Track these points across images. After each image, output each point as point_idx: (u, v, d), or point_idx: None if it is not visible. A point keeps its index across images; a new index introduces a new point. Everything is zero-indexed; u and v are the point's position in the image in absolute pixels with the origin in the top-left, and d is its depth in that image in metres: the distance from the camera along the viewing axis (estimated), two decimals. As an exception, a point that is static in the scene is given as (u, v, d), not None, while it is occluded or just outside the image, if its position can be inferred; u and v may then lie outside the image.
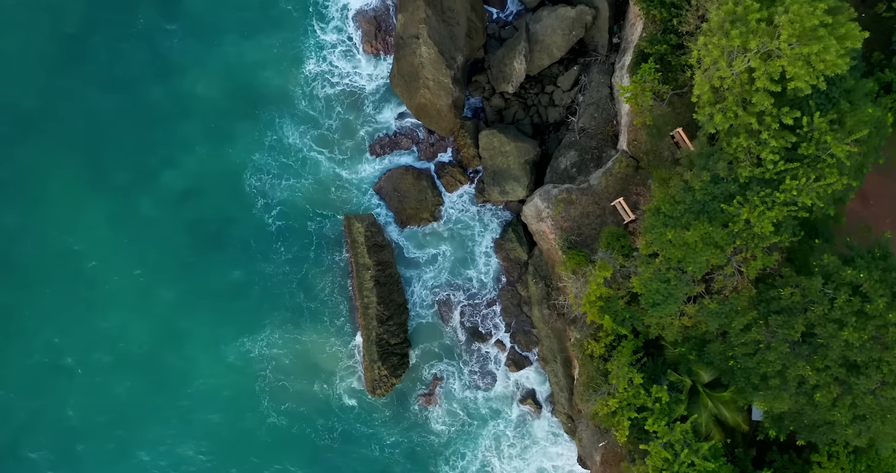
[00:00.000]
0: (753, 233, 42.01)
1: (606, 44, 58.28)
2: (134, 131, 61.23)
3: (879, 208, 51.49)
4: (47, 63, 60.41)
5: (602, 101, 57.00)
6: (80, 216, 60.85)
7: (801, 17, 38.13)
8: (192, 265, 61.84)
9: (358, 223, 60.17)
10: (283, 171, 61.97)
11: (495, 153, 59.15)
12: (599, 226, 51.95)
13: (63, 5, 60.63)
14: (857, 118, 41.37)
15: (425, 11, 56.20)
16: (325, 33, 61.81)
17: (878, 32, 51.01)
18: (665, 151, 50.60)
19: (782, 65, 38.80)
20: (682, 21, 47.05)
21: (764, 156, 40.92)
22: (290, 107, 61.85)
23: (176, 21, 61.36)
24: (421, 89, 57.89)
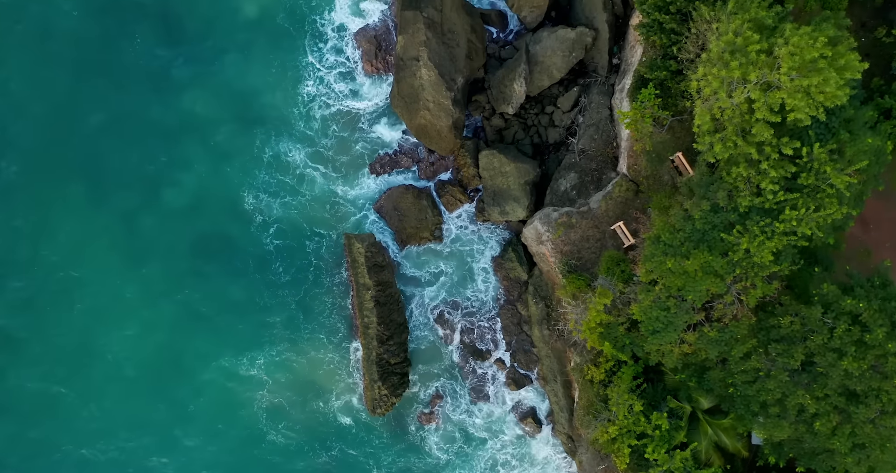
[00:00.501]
0: (753, 263, 42.11)
1: (606, 65, 58.33)
2: (133, 150, 61.27)
3: (879, 232, 51.53)
4: (47, 84, 60.41)
5: (602, 123, 57.04)
6: (80, 236, 60.87)
7: (802, 49, 38.25)
8: (191, 284, 61.89)
9: (358, 243, 60.20)
10: (283, 191, 62.01)
11: (495, 173, 59.20)
12: (599, 250, 52.01)
13: (62, 27, 60.63)
14: (857, 148, 41.45)
15: (425, 34, 56.24)
16: (324, 53, 61.83)
17: (877, 57, 51.17)
18: (665, 176, 50.65)
19: (782, 97, 38.88)
20: (681, 48, 47.07)
21: (764, 185, 40.99)
22: (289, 126, 61.87)
23: (175, 40, 61.36)
24: (421, 111, 57.95)
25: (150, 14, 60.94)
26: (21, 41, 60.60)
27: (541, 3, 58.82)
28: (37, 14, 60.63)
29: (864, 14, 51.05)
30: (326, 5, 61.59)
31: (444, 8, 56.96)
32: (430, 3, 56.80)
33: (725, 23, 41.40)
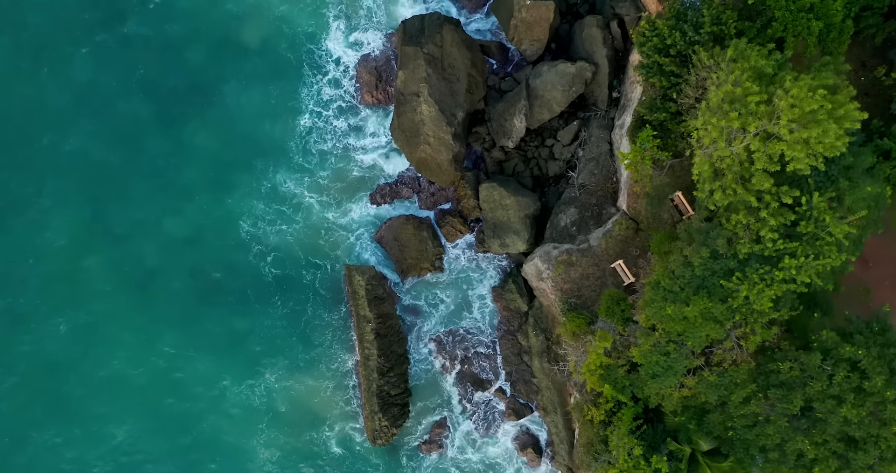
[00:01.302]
0: (752, 309, 42.21)
1: (606, 99, 58.43)
2: (135, 180, 61.55)
3: (879, 270, 51.51)
4: (51, 115, 60.72)
5: (602, 158, 57.15)
6: (82, 263, 61.12)
7: (801, 101, 38.30)
8: (191, 313, 62.25)
9: (358, 276, 60.35)
10: (283, 221, 62.23)
11: (495, 206, 59.33)
12: (599, 288, 52.14)
13: (63, 58, 60.83)
14: (856, 196, 41.53)
15: (426, 70, 56.36)
16: (322, 86, 62.23)
17: (876, 96, 51.23)
18: (665, 214, 50.75)
19: (782, 148, 38.97)
20: (680, 91, 47.15)
21: (763, 233, 41.05)
22: (288, 157, 62.27)
23: (178, 72, 61.57)
24: (422, 145, 58.10)
25: (154, 46, 61.21)
26: (26, 72, 60.84)
27: (541, 36, 58.86)
28: (42, 46, 60.79)
29: (863, 53, 51.07)
30: (322, 38, 61.70)
31: (444, 44, 57.07)
32: (430, 40, 56.92)
33: (725, 72, 41.47)
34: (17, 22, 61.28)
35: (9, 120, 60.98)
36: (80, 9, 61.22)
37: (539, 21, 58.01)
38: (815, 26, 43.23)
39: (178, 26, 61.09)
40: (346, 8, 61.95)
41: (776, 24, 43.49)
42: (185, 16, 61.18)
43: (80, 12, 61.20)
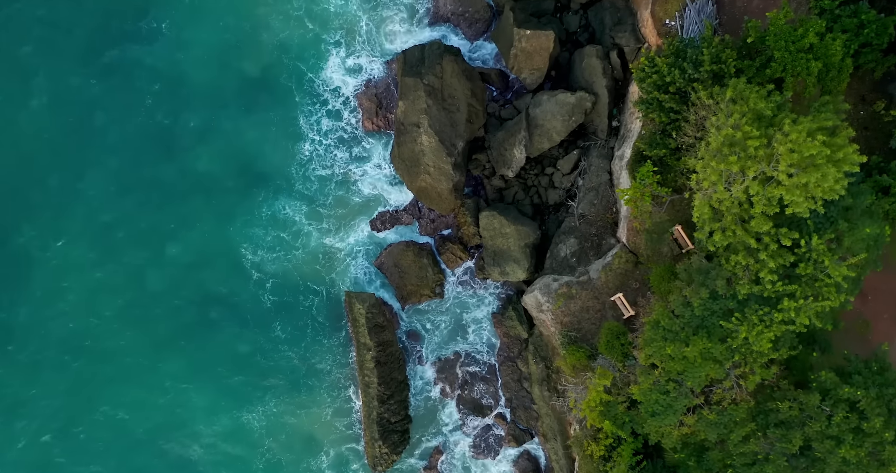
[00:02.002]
0: (752, 350, 42.39)
1: (606, 128, 58.53)
2: (137, 208, 61.63)
3: (877, 303, 51.66)
4: (56, 143, 60.81)
5: (601, 187, 57.27)
6: (84, 291, 61.27)
7: (800, 145, 38.44)
8: (191, 339, 62.34)
9: (359, 304, 60.48)
10: (283, 248, 62.35)
11: (495, 234, 59.46)
12: (599, 321, 52.29)
13: (66, 85, 60.91)
14: (855, 237, 41.71)
15: (426, 102, 56.48)
16: (322, 112, 62.19)
17: (875, 130, 51.39)
18: (665, 247, 50.88)
19: (780, 193, 39.12)
20: (679, 127, 47.26)
21: (763, 275, 41.19)
22: (289, 184, 62.34)
23: (179, 99, 61.61)
24: (422, 174, 58.24)
25: (157, 74, 61.26)
26: (31, 99, 60.91)
27: (541, 65, 58.96)
28: (49, 74, 60.89)
29: (862, 87, 51.20)
30: (322, 66, 61.80)
31: (444, 75, 57.18)
32: (430, 71, 57.03)
33: (724, 114, 41.62)
34: (16, 51, 61.31)
35: (10, 146, 60.97)
36: (85, 35, 61.13)
37: (539, 51, 58.10)
38: (814, 67, 43.36)
39: (181, 54, 61.18)
40: (346, 35, 62.01)
41: (775, 64, 43.62)
42: (188, 44, 61.20)
43: (85, 39, 61.12)
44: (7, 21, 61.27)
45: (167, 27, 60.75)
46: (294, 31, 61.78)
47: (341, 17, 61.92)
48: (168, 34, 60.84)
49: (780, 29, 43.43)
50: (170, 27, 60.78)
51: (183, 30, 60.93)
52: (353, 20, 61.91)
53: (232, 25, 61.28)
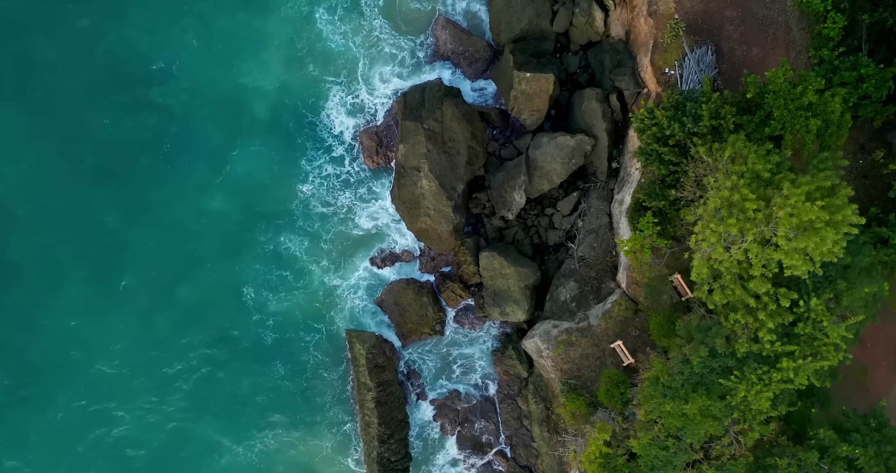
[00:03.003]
0: (751, 407, 42.60)
1: (606, 170, 58.66)
2: (141, 246, 61.75)
3: (876, 350, 51.94)
4: (65, 181, 60.80)
5: (601, 230, 57.43)
6: (87, 326, 61.44)
7: (799, 210, 38.61)
8: (193, 376, 62.43)
9: (359, 344, 60.70)
10: (284, 285, 62.50)
11: (495, 274, 59.62)
12: (599, 368, 52.50)
13: (74, 125, 60.98)
14: (854, 296, 41.94)
15: (426, 146, 56.65)
16: (324, 151, 62.30)
17: (875, 178, 51.63)
18: (664, 295, 51.06)
19: (779, 258, 39.31)
20: (678, 179, 47.41)
21: (762, 335, 41.42)
22: (290, 221, 62.41)
23: (184, 139, 61.66)
24: (422, 216, 58.41)
25: (169, 117, 61.35)
26: (42, 139, 60.92)
27: (541, 107, 59.10)
28: (58, 114, 60.94)
29: (861, 136, 51.39)
30: (323, 105, 61.91)
31: (444, 118, 57.34)
32: (430, 115, 57.18)
33: (723, 174, 41.80)
34: (27, 92, 61.39)
35: (17, 186, 61.01)
36: (95, 76, 61.14)
37: (539, 93, 58.25)
38: (813, 124, 43.55)
39: (188, 96, 61.12)
40: (347, 74, 62.10)
41: (774, 122, 43.78)
42: (196, 86, 61.21)
43: (95, 79, 61.11)
44: (18, 62, 61.26)
45: (177, 69, 60.90)
46: (297, 71, 61.86)
47: (342, 57, 62.03)
48: (178, 75, 60.91)
49: (779, 87, 43.60)
50: (179, 69, 60.91)
51: (191, 71, 61.05)
52: (354, 59, 62.03)
53: (237, 67, 61.43)
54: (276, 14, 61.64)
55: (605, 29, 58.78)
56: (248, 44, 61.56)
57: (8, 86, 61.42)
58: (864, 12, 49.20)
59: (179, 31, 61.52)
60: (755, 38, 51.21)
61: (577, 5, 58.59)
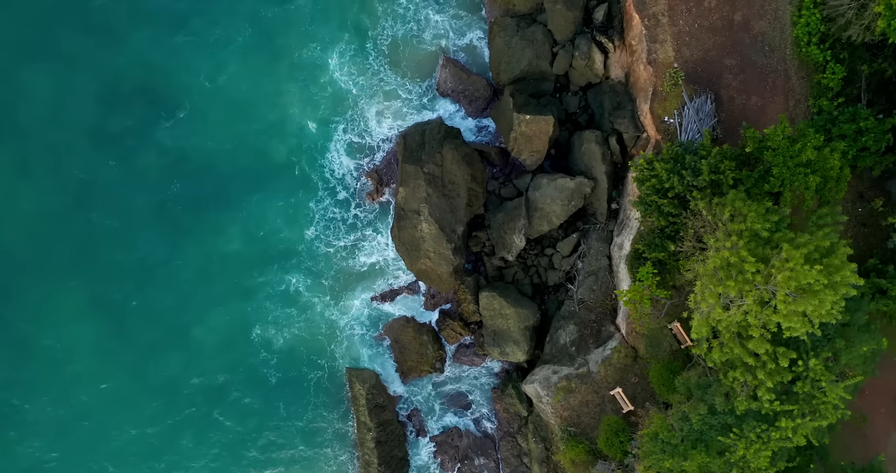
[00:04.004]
0: (749, 465, 42.74)
1: (605, 211, 58.75)
2: (147, 288, 61.83)
3: (875, 398, 52.05)
4: (80, 227, 61.06)
5: (601, 272, 57.55)
6: (92, 364, 61.60)
7: (798, 273, 38.74)
8: (198, 415, 62.61)
9: (359, 384, 60.86)
10: (291, 322, 62.60)
11: (495, 314, 59.76)
12: (599, 415, 52.65)
13: (82, 165, 61.06)
14: (853, 354, 42.09)
15: (426, 190, 56.78)
16: (327, 191, 62.40)
17: (873, 226, 51.77)
18: (664, 342, 51.21)
19: (778, 321, 39.44)
20: (677, 230, 47.53)
21: (760, 394, 41.57)
22: (294, 260, 62.50)
23: (193, 180, 61.75)
24: (422, 258, 58.54)
25: (178, 159, 61.54)
26: (50, 181, 61.08)
27: (540, 148, 59.18)
28: (66, 155, 61.16)
29: (860, 185, 51.53)
30: (327, 146, 62.06)
31: (444, 162, 57.47)
32: (430, 159, 57.30)
33: (722, 233, 41.90)
34: (38, 133, 61.51)
35: (27, 226, 61.10)
36: (105, 119, 61.36)
37: (539, 134, 58.32)
38: (812, 181, 43.66)
39: (197, 139, 61.31)
40: (354, 115, 62.10)
41: (773, 179, 43.88)
42: (206, 129, 61.40)
43: (105, 123, 61.31)
44: (27, 103, 61.42)
45: (187, 112, 60.99)
46: (305, 114, 61.80)
47: (349, 98, 61.97)
48: (188, 118, 60.95)
49: (778, 144, 43.70)
50: (190, 111, 61.02)
51: (202, 114, 61.21)
52: (360, 101, 62.03)
53: (247, 110, 61.67)
54: (286, 59, 61.84)
55: (605, 71, 58.86)
56: (258, 87, 61.72)
57: (12, 124, 61.55)
58: (864, 62, 49.35)
59: (190, 73, 61.64)
60: (754, 86, 51.32)
61: (577, 48, 58.65)
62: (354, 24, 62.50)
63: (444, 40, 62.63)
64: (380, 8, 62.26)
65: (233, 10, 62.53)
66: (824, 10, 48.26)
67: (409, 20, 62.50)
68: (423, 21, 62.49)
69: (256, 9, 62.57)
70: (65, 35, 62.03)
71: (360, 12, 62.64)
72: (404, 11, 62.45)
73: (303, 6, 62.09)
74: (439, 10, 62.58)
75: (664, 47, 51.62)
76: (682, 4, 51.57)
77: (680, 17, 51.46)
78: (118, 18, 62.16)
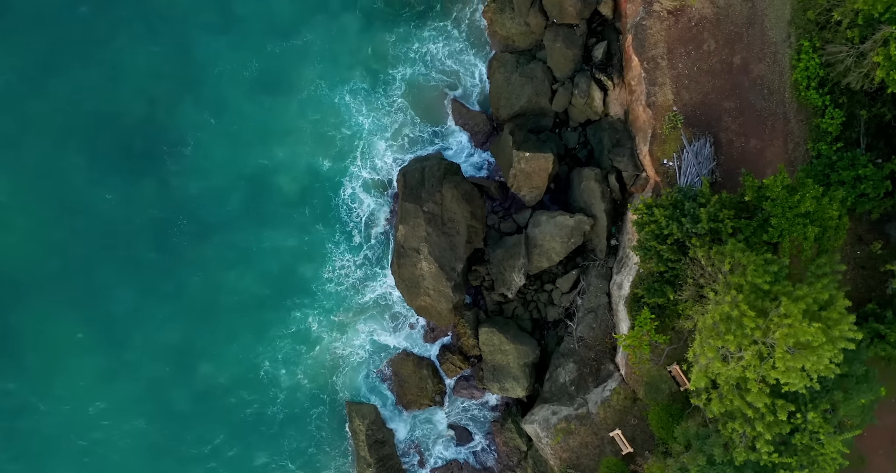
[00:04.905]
0: (748, 515, 42.98)
1: (605, 248, 58.86)
2: (156, 323, 61.94)
3: (873, 439, 52.09)
4: (80, 258, 61.14)
5: (600, 310, 57.68)
6: (98, 406, 61.73)
7: (797, 330, 38.87)
8: (203, 450, 62.77)
9: (359, 420, 61.05)
10: (298, 358, 62.68)
11: (495, 350, 59.89)
12: (598, 456, 52.83)
13: (88, 201, 61.22)
14: (851, 406, 42.25)
15: (426, 230, 56.91)
16: (343, 227, 62.51)
17: (872, 269, 51.79)
18: (663, 385, 51.35)
19: (777, 377, 39.60)
20: (677, 275, 47.64)
21: (759, 445, 41.73)
22: (307, 294, 62.54)
23: (200, 218, 61.84)
24: (422, 296, 58.71)
25: (185, 196, 61.66)
26: (55, 216, 61.19)
27: (540, 184, 59.28)
28: (71, 190, 61.27)
29: (859, 227, 51.55)
30: (339, 183, 62.19)
31: (444, 200, 57.58)
32: (430, 197, 57.41)
33: (722, 287, 42.03)
34: (38, 163, 61.58)
35: (36, 259, 61.13)
36: (111, 153, 61.41)
37: (538, 171, 58.44)
38: (811, 232, 43.74)
39: (203, 177, 61.43)
40: (364, 150, 62.18)
41: (772, 230, 43.96)
42: (212, 166, 61.44)
43: (111, 157, 61.37)
44: (31, 136, 61.50)
45: (191, 150, 61.08)
46: (314, 151, 61.93)
47: (358, 133, 62.16)
48: (193, 154, 61.05)
49: (777, 194, 43.77)
50: (194, 150, 61.10)
51: (208, 150, 61.33)
52: (367, 135, 62.19)
53: (255, 146, 61.80)
54: (294, 94, 61.87)
55: (604, 108, 58.96)
56: (265, 123, 61.72)
57: (16, 155, 61.61)
58: (863, 107, 49.42)
59: (196, 108, 61.62)
60: (753, 129, 51.41)
61: (577, 86, 58.74)
62: (362, 60, 62.54)
63: (450, 76, 62.72)
64: (388, 43, 62.27)
65: (237, 45, 62.51)
66: (823, 56, 48.34)
67: (416, 57, 62.63)
68: (430, 58, 62.56)
69: (261, 44, 62.48)
70: (67, 66, 62.13)
71: (367, 46, 62.70)
72: (411, 48, 62.53)
73: (310, 42, 62.02)
74: (446, 45, 62.65)
75: (663, 90, 51.71)
76: (682, 47, 51.67)
77: (679, 60, 51.55)
78: (121, 51, 62.21)
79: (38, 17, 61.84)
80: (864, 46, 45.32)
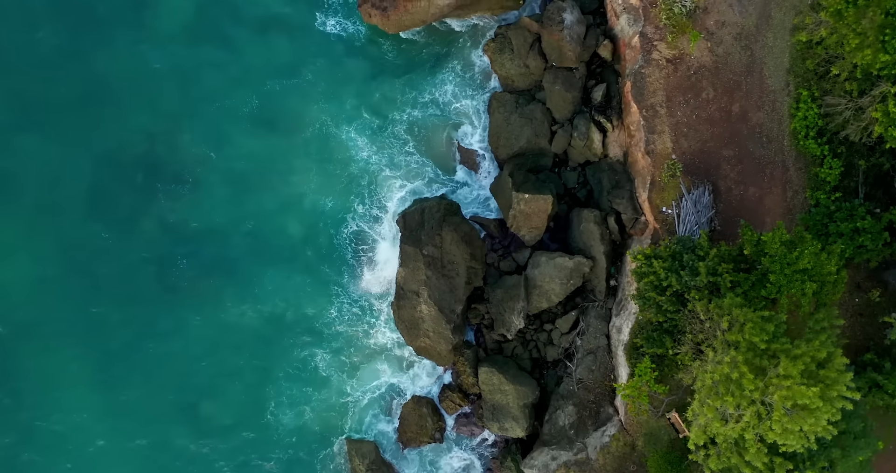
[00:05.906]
0: None
1: (604, 290, 58.99)
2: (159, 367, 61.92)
3: (871, 483, 52.44)
4: (76, 302, 60.90)
5: (599, 352, 57.85)
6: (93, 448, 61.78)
7: (795, 392, 39.07)
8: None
9: (358, 459, 61.13)
10: (305, 399, 62.42)
11: (494, 389, 60.01)
12: (597, 502, 53.03)
13: (113, 248, 61.27)
14: (849, 464, 42.45)
15: (425, 273, 57.07)
16: (350, 268, 62.32)
17: (870, 316, 52.03)
18: (662, 435, 51.53)
19: (775, 438, 39.80)
20: (675, 326, 47.81)
21: (758, 505, 41.97)
22: (312, 334, 62.30)
23: (201, 258, 61.80)
24: (422, 337, 58.89)
25: (187, 235, 61.60)
26: (52, 254, 61.03)
27: (539, 225, 59.44)
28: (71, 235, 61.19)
29: (858, 275, 51.75)
30: (341, 221, 62.10)
31: (443, 243, 57.72)
32: (430, 241, 57.54)
33: (721, 344, 42.20)
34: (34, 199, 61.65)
35: (33, 300, 61.11)
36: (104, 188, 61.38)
37: (537, 212, 58.60)
38: (809, 288, 43.88)
39: (205, 215, 61.45)
40: (370, 188, 62.23)
41: (770, 286, 44.13)
42: (214, 205, 61.48)
43: (109, 195, 61.34)
44: (27, 172, 61.44)
45: (190, 188, 60.98)
46: (318, 187, 61.90)
47: (363, 172, 62.20)
48: (192, 193, 60.97)
49: (775, 251, 43.91)
50: (194, 187, 60.99)
51: (208, 188, 61.29)
52: (372, 173, 62.23)
53: (256, 184, 61.80)
54: (296, 132, 61.88)
55: (604, 149, 59.10)
56: (267, 160, 61.65)
57: (13, 193, 61.67)
58: (861, 157, 49.59)
59: (196, 144, 61.56)
60: (752, 177, 51.58)
61: (576, 128, 58.86)
62: (365, 97, 62.62)
63: (458, 116, 62.96)
64: (396, 84, 62.48)
65: (237, 81, 62.49)
66: (822, 107, 48.49)
67: (427, 98, 62.84)
68: (438, 96, 62.72)
69: (262, 80, 62.40)
70: (66, 103, 62.23)
71: (369, 84, 62.87)
72: (419, 86, 62.69)
73: (312, 81, 61.98)
74: (454, 85, 62.91)
75: (662, 138, 51.86)
76: (681, 95, 51.81)
77: (678, 108, 51.70)
78: (119, 87, 62.28)
79: (32, 52, 61.86)
80: (862, 101, 45.48)
